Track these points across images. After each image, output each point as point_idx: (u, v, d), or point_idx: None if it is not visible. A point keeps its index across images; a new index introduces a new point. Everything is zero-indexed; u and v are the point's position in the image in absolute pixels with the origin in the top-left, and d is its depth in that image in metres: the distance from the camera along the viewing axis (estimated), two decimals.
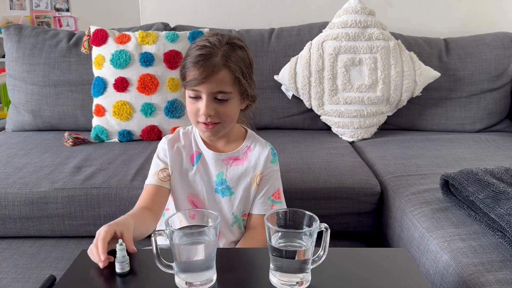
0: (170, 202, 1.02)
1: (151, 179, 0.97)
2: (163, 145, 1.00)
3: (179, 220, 0.72)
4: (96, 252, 0.72)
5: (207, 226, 0.70)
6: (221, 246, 0.99)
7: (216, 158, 0.98)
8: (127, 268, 0.72)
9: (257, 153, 1.00)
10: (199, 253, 0.67)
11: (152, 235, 0.69)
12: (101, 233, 0.73)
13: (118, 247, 0.71)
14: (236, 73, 0.89)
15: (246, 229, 1.03)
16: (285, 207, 1.03)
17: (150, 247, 0.74)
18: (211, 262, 0.69)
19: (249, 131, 1.05)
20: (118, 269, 0.71)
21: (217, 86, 0.88)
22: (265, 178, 1.00)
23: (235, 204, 0.99)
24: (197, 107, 0.90)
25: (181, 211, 0.75)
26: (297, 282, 0.69)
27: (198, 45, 0.89)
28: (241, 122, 1.05)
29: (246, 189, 0.99)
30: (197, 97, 0.90)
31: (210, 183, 0.99)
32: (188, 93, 0.91)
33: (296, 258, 0.68)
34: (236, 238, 1.01)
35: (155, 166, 0.99)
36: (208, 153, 0.99)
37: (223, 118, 0.91)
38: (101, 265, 0.72)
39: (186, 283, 0.68)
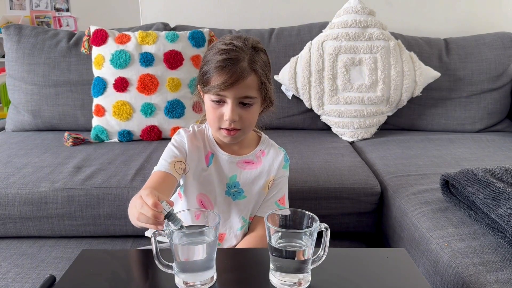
0: (177, 201, 1.01)
1: (165, 166, 0.91)
2: (182, 139, 0.96)
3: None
4: (152, 215, 0.66)
5: (207, 226, 0.70)
6: (223, 246, 0.99)
7: (231, 161, 0.97)
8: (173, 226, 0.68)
9: (271, 158, 0.99)
10: (199, 253, 0.67)
11: (152, 235, 0.69)
12: (148, 195, 0.68)
13: (166, 207, 0.68)
14: (263, 78, 0.88)
15: (249, 230, 1.02)
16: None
17: (150, 247, 0.74)
18: (211, 262, 0.69)
19: (263, 135, 1.03)
20: (177, 225, 0.68)
21: (244, 91, 0.86)
22: (275, 182, 1.00)
23: (246, 208, 0.98)
24: (220, 112, 0.87)
25: (184, 210, 0.75)
26: (297, 282, 0.69)
27: (223, 49, 0.86)
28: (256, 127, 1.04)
29: (258, 194, 0.98)
30: (220, 101, 0.87)
31: (222, 185, 0.97)
32: (211, 97, 0.88)
33: (296, 258, 0.68)
34: (238, 240, 1.00)
35: (171, 154, 0.93)
36: (222, 155, 0.97)
37: (246, 124, 0.90)
38: (160, 228, 0.68)
39: (186, 283, 0.68)
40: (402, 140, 1.71)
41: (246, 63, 0.85)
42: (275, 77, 1.81)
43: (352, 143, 1.76)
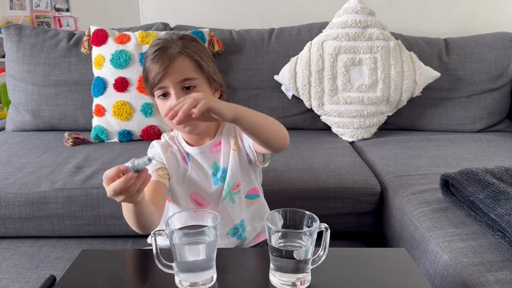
0: (168, 206, 1.00)
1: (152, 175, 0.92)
2: (156, 150, 0.99)
3: (180, 221, 0.72)
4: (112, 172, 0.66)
5: (207, 226, 0.70)
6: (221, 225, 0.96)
7: (203, 151, 0.98)
8: (142, 166, 0.66)
9: (227, 125, 1.00)
10: (199, 253, 0.67)
11: (152, 235, 0.69)
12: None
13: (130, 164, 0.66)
14: (195, 57, 0.89)
15: None
16: None
17: (150, 247, 0.74)
18: (211, 262, 0.69)
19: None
20: (145, 162, 0.65)
21: (180, 75, 0.87)
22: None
23: (230, 183, 0.97)
24: (169, 105, 0.88)
25: (182, 211, 0.75)
26: (297, 282, 0.69)
27: (152, 45, 0.91)
28: None
29: (233, 159, 0.97)
30: (165, 94, 0.89)
31: (207, 178, 0.98)
32: (156, 93, 0.90)
33: (296, 258, 0.68)
34: (232, 211, 0.99)
35: (151, 165, 0.94)
36: (193, 151, 0.98)
37: None
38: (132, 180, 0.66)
39: (186, 282, 0.68)
40: (402, 140, 1.71)
41: (174, 49, 0.88)
42: (275, 77, 1.81)
43: (352, 143, 1.76)
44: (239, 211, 1.00)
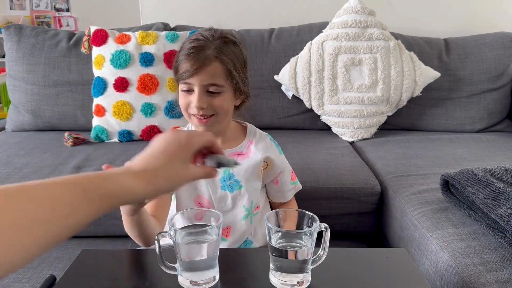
0: (172, 208, 1.00)
1: None
2: None
3: (183, 220, 0.72)
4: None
5: (209, 225, 0.70)
6: (231, 241, 0.98)
7: None
8: (226, 165, 0.63)
9: (260, 146, 1.00)
10: (202, 252, 0.67)
11: (155, 237, 0.69)
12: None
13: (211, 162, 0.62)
14: (229, 66, 0.88)
15: None
16: (300, 184, 1.10)
17: (150, 247, 0.74)
18: (214, 261, 0.69)
19: (249, 125, 1.04)
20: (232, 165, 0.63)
21: (209, 78, 0.87)
22: (283, 171, 1.03)
23: (245, 196, 0.98)
24: (189, 100, 0.90)
25: (185, 211, 0.75)
26: (297, 282, 0.69)
27: (191, 39, 0.90)
28: (239, 115, 1.04)
29: (254, 181, 0.99)
30: (189, 90, 0.90)
31: (214, 182, 0.97)
32: (181, 86, 0.91)
33: (296, 258, 0.68)
34: (246, 231, 1.00)
35: None
36: None
37: (217, 111, 0.90)
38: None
39: (190, 282, 0.68)
40: (402, 140, 1.71)
41: (210, 51, 0.87)
42: (275, 77, 1.81)
43: (352, 143, 1.76)
44: (250, 230, 1.01)
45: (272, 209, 1.10)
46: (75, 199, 0.45)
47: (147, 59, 1.64)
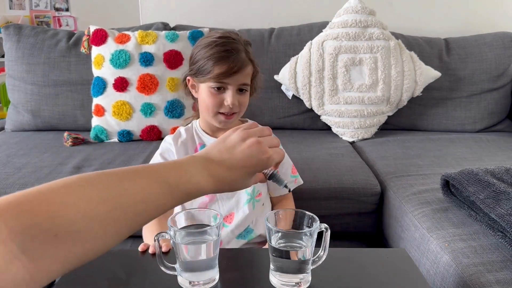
0: None
1: None
2: (167, 145, 1.02)
3: (183, 220, 0.72)
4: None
5: (209, 225, 0.70)
6: (233, 227, 1.00)
7: None
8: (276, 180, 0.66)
9: None
10: (202, 252, 0.67)
11: (155, 237, 0.69)
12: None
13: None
14: (257, 67, 0.98)
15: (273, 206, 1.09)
16: (301, 179, 1.12)
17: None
18: (214, 261, 0.69)
19: (250, 121, 1.06)
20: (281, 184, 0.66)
21: (243, 79, 0.94)
22: (283, 163, 1.01)
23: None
24: (221, 98, 0.94)
25: (185, 210, 0.74)
26: (297, 283, 0.69)
27: (222, 41, 0.93)
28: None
29: None
30: (221, 88, 0.94)
31: None
32: (210, 85, 0.94)
33: (296, 259, 0.67)
34: (249, 217, 1.01)
35: None
36: (213, 141, 1.00)
37: (241, 109, 0.97)
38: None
39: (189, 282, 0.68)
40: (403, 140, 1.71)
41: (244, 54, 0.94)
42: (275, 77, 1.81)
43: (352, 143, 1.75)
44: (251, 217, 1.02)
45: (271, 204, 1.11)
46: (163, 195, 0.49)
47: (146, 59, 1.64)
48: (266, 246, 0.97)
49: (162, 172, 0.50)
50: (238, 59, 0.92)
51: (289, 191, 0.80)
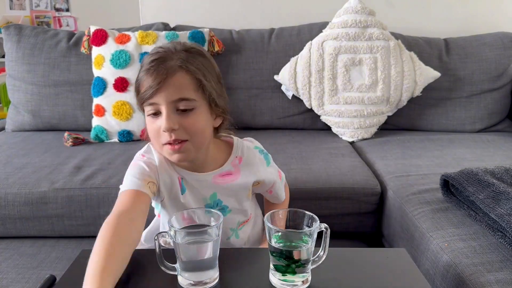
0: (156, 220, 0.97)
1: (137, 183, 0.79)
2: (152, 162, 0.85)
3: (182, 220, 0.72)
4: None
5: (209, 225, 0.70)
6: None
7: (204, 179, 0.86)
8: None
9: (250, 163, 0.90)
10: (202, 252, 0.67)
11: (155, 237, 0.69)
12: None
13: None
14: (197, 75, 0.77)
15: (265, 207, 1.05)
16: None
17: (150, 248, 0.74)
18: (214, 261, 0.69)
19: (235, 139, 0.92)
20: None
21: (176, 93, 0.76)
22: (275, 181, 0.97)
23: (233, 220, 0.92)
24: (158, 126, 0.77)
25: (185, 211, 0.74)
26: (297, 283, 0.69)
27: (151, 53, 0.80)
28: (219, 137, 0.92)
29: (242, 202, 0.92)
30: (156, 113, 0.78)
31: (201, 205, 0.89)
32: (147, 110, 0.80)
33: (296, 258, 0.68)
34: (238, 243, 0.96)
35: (143, 172, 0.82)
36: (192, 177, 0.86)
37: (191, 132, 0.78)
38: None
39: (189, 282, 0.68)
40: (402, 140, 1.71)
41: (174, 62, 0.77)
42: (275, 77, 1.81)
43: (352, 143, 1.76)
44: (245, 238, 0.97)
45: (265, 206, 1.09)
46: None
47: None
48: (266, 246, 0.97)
49: None
50: (161, 68, 0.75)
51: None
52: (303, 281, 0.69)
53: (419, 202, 1.15)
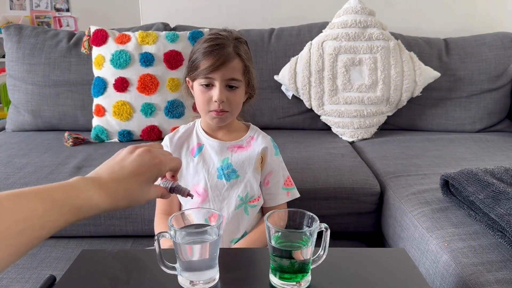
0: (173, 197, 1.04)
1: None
2: (165, 144, 1.04)
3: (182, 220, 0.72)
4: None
5: (209, 225, 0.70)
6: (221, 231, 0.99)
7: (222, 146, 1.02)
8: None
9: (260, 142, 1.05)
10: (202, 252, 0.67)
11: (156, 237, 0.69)
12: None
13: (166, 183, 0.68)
14: (247, 62, 0.96)
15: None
16: (297, 192, 1.09)
17: (151, 247, 0.74)
18: (214, 261, 0.69)
19: (252, 125, 1.10)
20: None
21: (230, 73, 0.94)
22: (274, 171, 1.04)
23: (241, 186, 1.00)
24: (209, 95, 0.95)
25: (185, 210, 0.75)
26: (297, 283, 0.69)
27: (210, 38, 0.95)
28: (240, 118, 1.10)
29: (251, 173, 1.01)
30: (209, 85, 0.95)
31: (213, 170, 1.01)
32: (200, 82, 0.95)
33: (296, 258, 0.68)
34: (242, 222, 1.00)
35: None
36: (212, 142, 1.03)
37: (233, 107, 0.97)
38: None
39: (190, 282, 0.68)
40: (402, 140, 1.71)
41: (231, 49, 0.94)
42: (275, 77, 1.81)
43: (352, 143, 1.76)
44: (248, 223, 1.02)
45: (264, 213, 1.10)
46: (48, 211, 0.48)
47: (147, 59, 1.64)
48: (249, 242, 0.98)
49: (48, 190, 0.49)
50: (223, 53, 0.93)
51: (191, 198, 0.71)
52: (303, 281, 0.69)
53: (418, 202, 1.16)
